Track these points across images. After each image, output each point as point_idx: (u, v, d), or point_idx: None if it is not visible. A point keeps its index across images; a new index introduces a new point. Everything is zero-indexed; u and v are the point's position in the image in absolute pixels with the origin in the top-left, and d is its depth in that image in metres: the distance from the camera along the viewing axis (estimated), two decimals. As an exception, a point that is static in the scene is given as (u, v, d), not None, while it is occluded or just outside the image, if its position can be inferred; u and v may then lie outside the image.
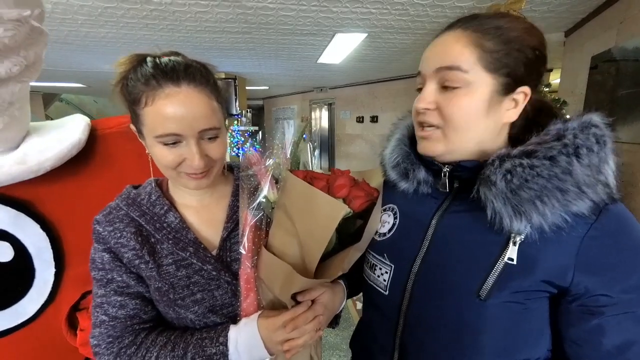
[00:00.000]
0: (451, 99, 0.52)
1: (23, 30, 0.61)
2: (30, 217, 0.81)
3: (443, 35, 0.55)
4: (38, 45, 0.67)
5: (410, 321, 0.59)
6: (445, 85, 0.53)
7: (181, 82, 0.55)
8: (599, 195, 0.47)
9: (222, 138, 0.61)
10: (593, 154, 0.48)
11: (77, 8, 2.26)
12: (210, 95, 0.59)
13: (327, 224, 0.54)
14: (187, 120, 0.55)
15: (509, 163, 0.50)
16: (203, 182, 0.62)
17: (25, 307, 0.83)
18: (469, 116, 0.52)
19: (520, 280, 0.49)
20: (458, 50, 0.51)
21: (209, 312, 0.63)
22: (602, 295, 0.47)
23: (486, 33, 0.51)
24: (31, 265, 0.82)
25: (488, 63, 0.50)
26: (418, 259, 0.58)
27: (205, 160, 0.58)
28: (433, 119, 0.55)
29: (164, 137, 0.56)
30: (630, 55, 1.91)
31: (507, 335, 0.51)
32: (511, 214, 0.49)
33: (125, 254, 0.60)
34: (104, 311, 0.61)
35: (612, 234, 0.48)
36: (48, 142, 0.79)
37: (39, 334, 0.86)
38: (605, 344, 0.47)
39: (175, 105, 0.55)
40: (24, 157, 0.75)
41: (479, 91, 0.51)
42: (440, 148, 0.55)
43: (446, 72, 0.52)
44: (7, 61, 0.62)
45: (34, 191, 0.81)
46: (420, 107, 0.55)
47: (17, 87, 0.68)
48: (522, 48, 0.51)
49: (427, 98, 0.54)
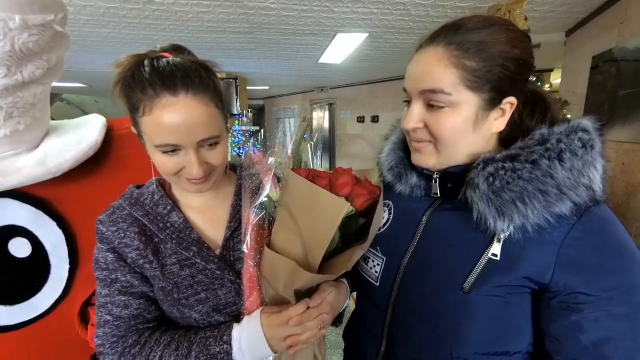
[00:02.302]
0: (438, 118, 0.53)
1: (47, 35, 0.61)
2: (48, 215, 0.83)
3: (426, 50, 0.54)
4: (60, 48, 0.67)
5: (398, 312, 0.61)
6: (430, 104, 0.54)
7: (179, 91, 0.53)
8: (581, 197, 0.49)
9: (222, 144, 0.60)
10: (577, 157, 0.50)
11: (79, 8, 2.26)
12: (209, 102, 0.57)
13: (330, 222, 0.54)
14: (185, 131, 0.54)
15: (492, 166, 0.52)
16: (203, 187, 0.62)
17: (41, 301, 0.85)
18: (456, 134, 0.54)
19: (503, 276, 0.51)
20: (440, 72, 0.51)
21: (213, 311, 0.63)
22: (580, 293, 0.49)
23: (467, 50, 0.50)
24: (47, 261, 0.84)
25: (471, 83, 0.51)
26: (408, 253, 0.61)
27: (205, 167, 0.58)
28: (423, 135, 0.57)
29: (162, 147, 0.55)
30: (631, 55, 1.91)
31: (489, 327, 0.54)
32: (494, 214, 0.51)
33: (129, 254, 0.60)
34: (108, 311, 0.61)
35: (593, 235, 0.50)
36: (67, 143, 0.80)
37: (53, 327, 0.88)
38: (582, 340, 0.49)
39: (172, 116, 0.53)
40: (44, 157, 0.76)
41: (464, 109, 0.52)
42: (433, 161, 0.58)
43: (430, 95, 0.53)
44: (31, 65, 0.63)
45: (52, 190, 0.83)
46: (408, 128, 0.57)
47: (39, 90, 0.69)
48: (504, 62, 0.50)
49: (414, 119, 0.56)
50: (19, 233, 0.80)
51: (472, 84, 0.51)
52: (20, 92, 0.65)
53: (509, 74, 0.51)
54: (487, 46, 0.50)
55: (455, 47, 0.51)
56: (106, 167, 0.90)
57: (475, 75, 0.51)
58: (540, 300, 0.53)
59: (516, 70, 0.51)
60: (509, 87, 0.52)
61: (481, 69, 0.50)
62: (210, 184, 0.63)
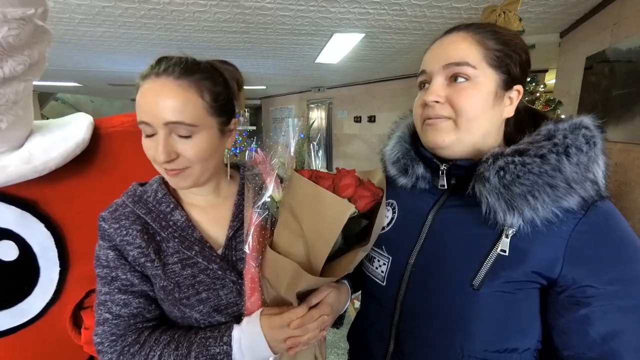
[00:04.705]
0: (460, 90, 0.56)
1: (27, 29, 0.60)
2: (35, 216, 0.80)
3: (445, 37, 0.59)
4: (42, 44, 0.67)
5: (406, 311, 0.61)
6: (455, 78, 0.56)
7: (161, 74, 0.56)
8: (588, 192, 0.50)
9: (198, 138, 0.58)
10: (582, 153, 0.51)
11: (74, 7, 2.24)
12: (191, 89, 0.56)
13: (333, 224, 0.54)
14: (154, 110, 0.55)
15: (502, 160, 0.53)
16: (180, 182, 0.60)
17: (31, 305, 0.83)
18: (478, 107, 0.56)
19: (512, 271, 0.52)
20: (466, 48, 0.55)
21: (214, 312, 0.63)
22: (588, 286, 0.50)
23: (486, 34, 0.56)
24: (36, 264, 0.82)
25: (492, 60, 0.55)
26: (415, 251, 0.61)
27: (171, 156, 0.56)
28: (443, 111, 0.57)
29: (140, 125, 0.57)
30: (624, 56, 1.94)
31: (498, 323, 0.54)
32: (504, 208, 0.52)
33: (130, 252, 0.60)
34: (108, 309, 0.61)
35: (599, 229, 0.51)
36: (53, 141, 0.78)
37: (44, 333, 0.86)
38: (591, 334, 0.50)
39: (148, 94, 0.56)
40: (29, 156, 0.74)
41: (486, 84, 0.55)
42: (451, 138, 0.58)
43: (455, 67, 0.56)
44: (12, 60, 0.62)
45: (38, 190, 0.81)
46: (430, 100, 0.57)
47: (21, 86, 0.68)
48: (516, 50, 0.56)
49: (437, 91, 0.57)
50: (5, 236, 0.78)
51: (492, 62, 0.55)
52: (1, 88, 0.64)
53: (520, 61, 0.57)
54: (501, 35, 0.57)
55: (475, 31, 0.57)
56: (95, 166, 0.89)
57: (496, 54, 0.55)
58: (548, 296, 0.54)
59: (524, 60, 0.57)
60: (519, 74, 0.57)
61: (500, 50, 0.56)
62: (189, 182, 0.61)
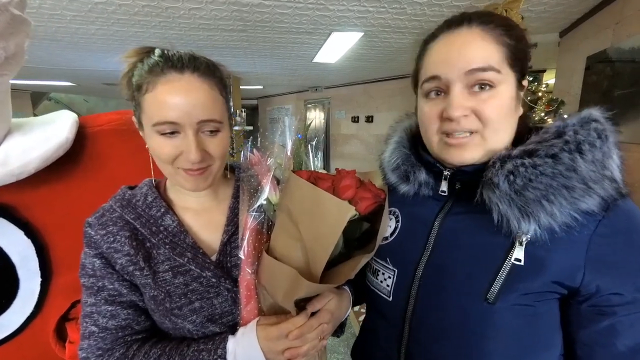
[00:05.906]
0: (486, 100, 0.50)
1: (2, 19, 0.56)
2: (13, 222, 0.75)
3: (455, 34, 0.52)
4: (19, 36, 0.62)
5: (415, 328, 0.56)
6: (479, 86, 0.50)
7: (185, 70, 0.54)
8: (607, 190, 0.46)
9: (224, 134, 0.58)
10: (596, 149, 0.47)
11: (66, 3, 2.19)
12: (214, 87, 0.57)
13: (333, 227, 0.51)
14: (186, 108, 0.52)
15: (510, 164, 0.49)
16: (201, 182, 0.58)
17: (9, 319, 0.78)
18: (506, 115, 0.52)
19: (530, 282, 0.48)
20: (486, 48, 0.50)
21: (208, 322, 0.60)
22: (614, 294, 0.46)
23: (503, 29, 0.51)
24: (15, 275, 0.77)
25: (510, 60, 0.51)
26: (422, 262, 0.56)
27: (203, 155, 0.55)
28: (471, 124, 0.52)
29: (162, 126, 0.53)
30: (626, 55, 1.92)
31: (517, 340, 0.49)
32: (518, 215, 0.47)
33: (118, 260, 0.57)
34: (94, 321, 0.57)
35: (622, 231, 0.47)
36: (32, 141, 0.73)
37: (25, 348, 0.81)
38: (618, 346, 0.46)
39: (176, 91, 0.52)
40: (5, 158, 0.69)
41: (508, 89, 0.51)
42: (480, 153, 0.53)
43: (479, 74, 0.50)
44: None
45: (16, 195, 0.75)
46: (457, 116, 0.51)
47: None
48: (526, 44, 0.53)
49: (463, 104, 0.51)
50: None
51: (511, 62, 0.51)
52: None
53: (528, 57, 0.53)
54: (512, 28, 0.52)
55: (493, 25, 0.51)
56: (80, 168, 0.83)
57: (513, 52, 0.51)
58: (568, 306, 0.50)
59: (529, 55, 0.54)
60: (526, 69, 0.53)
61: (515, 47, 0.51)
62: (209, 182, 0.59)
